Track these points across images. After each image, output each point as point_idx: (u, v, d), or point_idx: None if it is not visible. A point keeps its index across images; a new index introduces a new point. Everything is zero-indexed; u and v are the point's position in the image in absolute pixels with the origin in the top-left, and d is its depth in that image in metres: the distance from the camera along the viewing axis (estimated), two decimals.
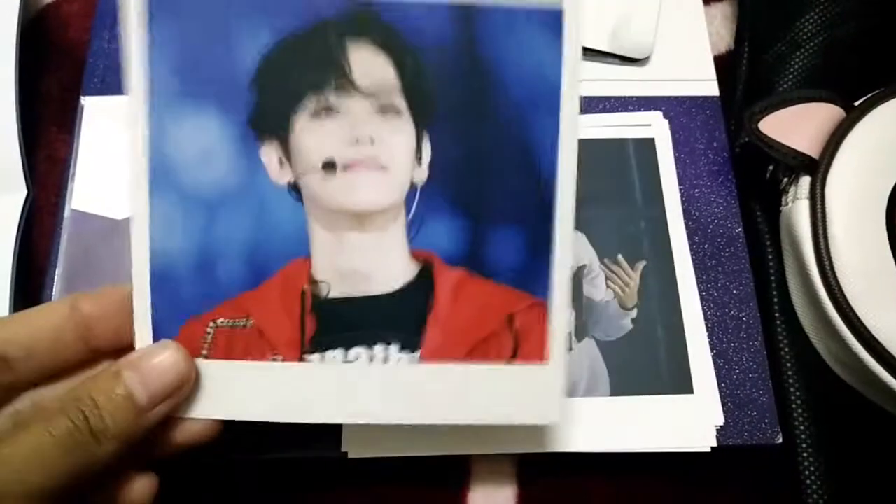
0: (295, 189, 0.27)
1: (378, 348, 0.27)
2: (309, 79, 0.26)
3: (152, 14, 0.25)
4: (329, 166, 0.26)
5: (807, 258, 0.34)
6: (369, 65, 0.26)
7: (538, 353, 0.28)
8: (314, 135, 0.26)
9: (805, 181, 0.36)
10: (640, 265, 0.37)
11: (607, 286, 0.36)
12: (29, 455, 0.23)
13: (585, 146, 0.36)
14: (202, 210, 0.26)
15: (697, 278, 0.36)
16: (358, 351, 0.27)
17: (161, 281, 0.26)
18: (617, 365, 0.35)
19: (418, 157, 0.27)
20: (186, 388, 0.26)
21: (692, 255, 0.37)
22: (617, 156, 0.39)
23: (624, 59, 0.41)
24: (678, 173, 0.39)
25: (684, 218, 0.38)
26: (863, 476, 0.34)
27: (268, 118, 0.26)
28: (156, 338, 0.27)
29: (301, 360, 0.27)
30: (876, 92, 0.36)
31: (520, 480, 0.35)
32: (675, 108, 0.40)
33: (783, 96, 0.37)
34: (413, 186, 0.27)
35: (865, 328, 0.33)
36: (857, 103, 0.36)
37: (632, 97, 0.40)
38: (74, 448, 0.23)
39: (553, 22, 0.26)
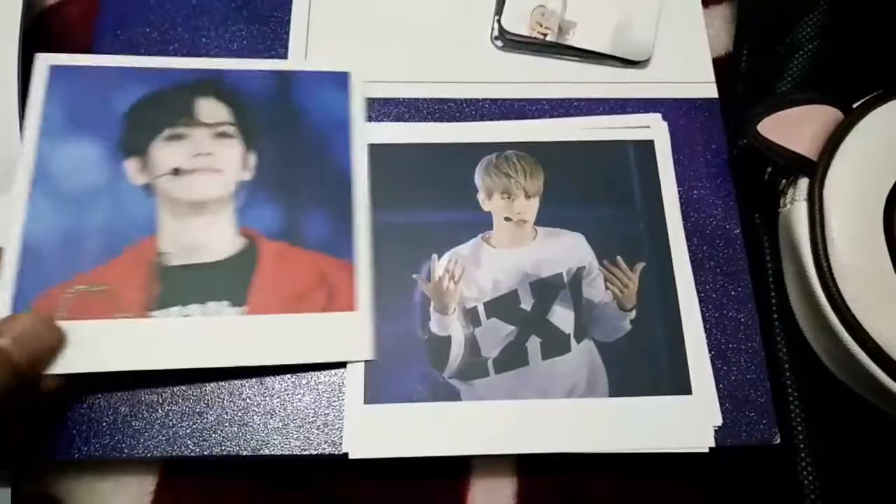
0: (147, 188, 0.37)
1: (211, 304, 0.35)
2: (166, 118, 0.38)
3: (50, 81, 0.38)
4: (176, 171, 0.37)
5: (805, 260, 0.35)
6: (210, 109, 0.38)
7: (348, 304, 0.35)
8: (167, 151, 0.37)
9: (803, 183, 0.36)
10: (639, 266, 0.37)
11: (606, 287, 0.36)
12: None
13: (585, 148, 0.39)
14: (72, 205, 0.36)
15: (696, 279, 0.37)
16: (193, 308, 0.35)
17: (29, 255, 0.35)
18: (616, 365, 0.35)
19: (245, 164, 0.38)
20: (53, 347, 0.33)
21: (691, 257, 0.37)
22: (616, 158, 0.39)
23: (624, 62, 0.41)
24: (677, 175, 0.39)
25: (683, 219, 0.38)
26: (860, 475, 0.34)
27: (132, 142, 0.37)
28: (16, 301, 0.34)
29: (146, 316, 0.34)
30: (874, 94, 0.37)
31: (519, 479, 0.35)
32: (675, 111, 0.40)
33: (781, 98, 0.38)
34: (241, 184, 0.37)
35: (863, 329, 0.33)
36: (854, 105, 0.37)
37: (631, 99, 0.41)
38: None
39: (342, 79, 0.40)
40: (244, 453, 0.33)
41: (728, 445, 0.34)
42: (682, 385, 0.35)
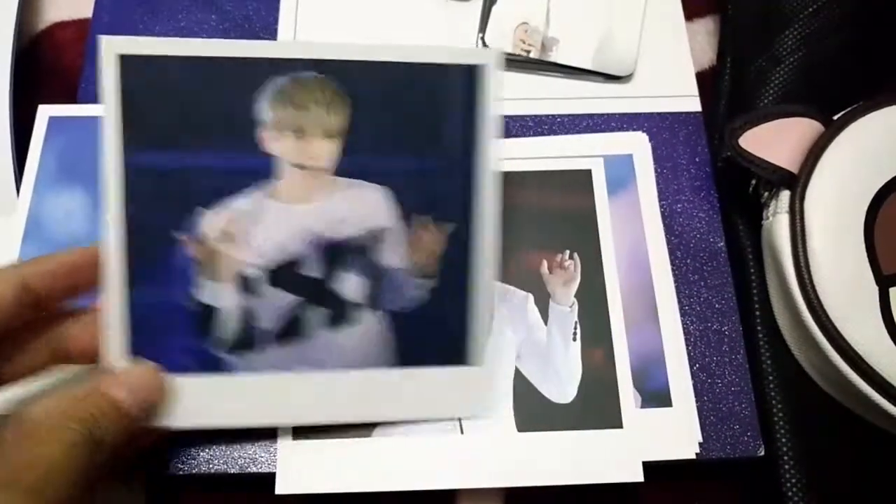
0: None
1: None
2: None
3: (47, 135, 0.38)
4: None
5: (787, 271, 0.35)
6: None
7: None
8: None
9: (785, 196, 0.36)
10: (447, 228, 0.32)
11: (408, 252, 0.33)
12: (39, 465, 0.25)
13: (407, 75, 0.32)
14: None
15: (679, 292, 0.37)
16: None
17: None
18: (408, 336, 0.33)
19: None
20: (163, 400, 0.31)
21: (674, 270, 0.37)
22: (446, 91, 0.32)
23: (607, 77, 0.42)
24: (660, 188, 0.39)
25: (666, 233, 0.38)
26: (844, 486, 0.34)
27: None
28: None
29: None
30: (854, 106, 0.37)
31: None
32: (658, 124, 0.41)
33: (763, 111, 0.38)
34: None
35: (844, 340, 0.33)
36: (835, 118, 0.37)
37: (615, 114, 0.41)
38: (80, 457, 0.26)
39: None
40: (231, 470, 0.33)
41: (712, 458, 0.34)
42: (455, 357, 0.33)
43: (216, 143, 0.30)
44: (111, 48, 0.30)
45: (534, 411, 0.34)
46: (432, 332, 0.33)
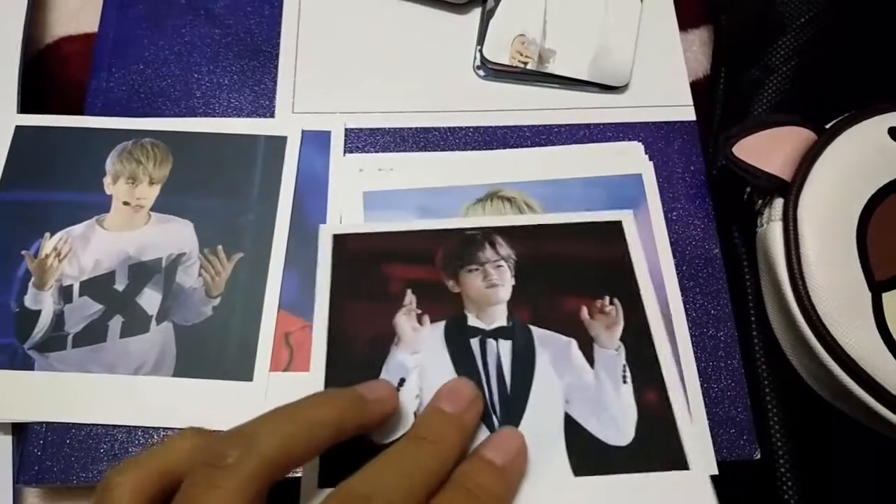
0: None
1: None
2: None
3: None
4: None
5: (781, 278, 0.35)
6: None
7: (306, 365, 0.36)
8: None
9: (778, 203, 0.37)
10: (236, 256, 0.38)
11: (199, 274, 0.38)
12: None
13: (217, 141, 0.41)
14: None
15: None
16: None
17: None
18: (188, 348, 0.37)
19: None
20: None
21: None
22: (244, 153, 0.40)
23: (603, 87, 0.43)
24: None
25: None
26: (840, 489, 0.35)
27: None
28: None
29: None
30: (845, 115, 0.37)
31: None
32: (653, 134, 0.41)
33: (756, 120, 0.39)
34: None
35: (838, 345, 0.34)
36: (827, 126, 0.37)
37: (611, 124, 0.42)
38: None
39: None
40: None
41: None
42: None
43: (72, 186, 0.40)
44: None
45: (589, 455, 0.33)
46: (213, 346, 0.37)
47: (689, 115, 0.42)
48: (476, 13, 0.44)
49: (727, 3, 0.45)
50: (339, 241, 0.38)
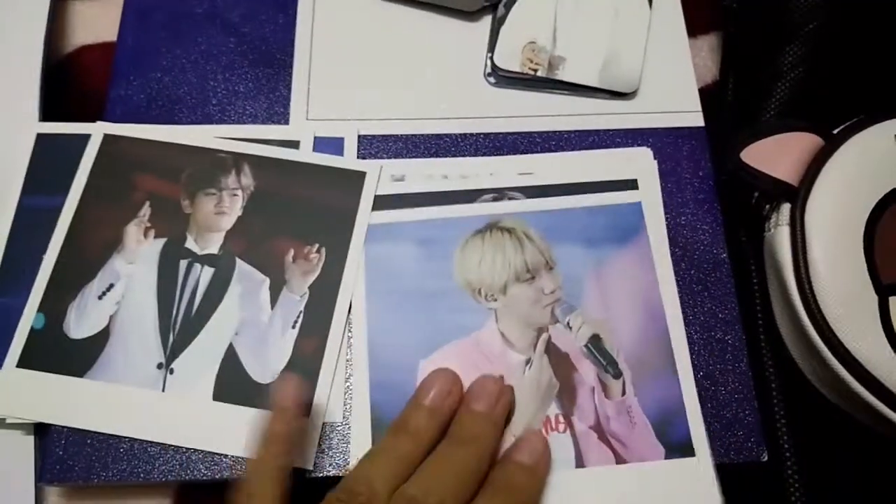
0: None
1: None
2: None
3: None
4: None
5: (788, 283, 0.36)
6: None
7: None
8: None
9: (786, 208, 0.37)
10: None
11: None
12: None
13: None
14: None
15: (683, 303, 0.38)
16: None
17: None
18: None
19: None
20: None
21: (678, 280, 0.38)
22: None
23: (612, 94, 0.43)
24: (665, 202, 0.40)
25: (671, 245, 0.39)
26: (847, 492, 0.35)
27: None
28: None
29: None
30: (852, 121, 0.38)
31: None
32: (662, 139, 0.42)
33: (764, 126, 0.39)
34: None
35: (845, 349, 0.34)
36: (835, 132, 0.38)
37: (620, 130, 0.42)
38: None
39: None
40: None
41: (716, 463, 0.35)
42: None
43: None
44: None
45: (233, 385, 0.36)
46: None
47: (698, 120, 0.43)
48: (487, 21, 0.45)
49: (736, 9, 0.45)
50: (108, 141, 0.40)
